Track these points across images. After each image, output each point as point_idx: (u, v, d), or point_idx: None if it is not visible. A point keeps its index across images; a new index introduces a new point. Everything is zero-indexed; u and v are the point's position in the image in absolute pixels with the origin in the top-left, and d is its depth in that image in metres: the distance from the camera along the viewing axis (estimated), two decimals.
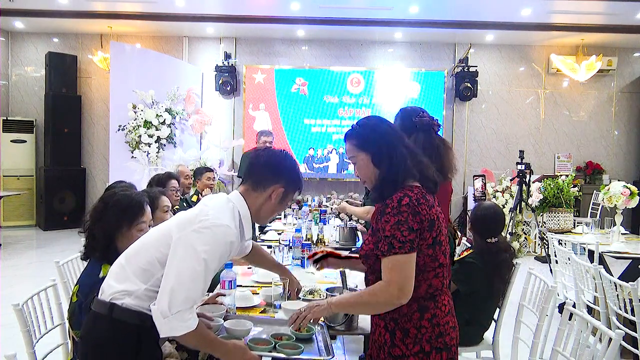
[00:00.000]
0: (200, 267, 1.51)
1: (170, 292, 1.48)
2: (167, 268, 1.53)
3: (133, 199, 1.98)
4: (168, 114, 7.30)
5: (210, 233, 1.53)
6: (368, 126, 1.70)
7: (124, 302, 1.57)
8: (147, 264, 1.59)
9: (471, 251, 2.64)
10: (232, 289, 2.05)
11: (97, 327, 1.60)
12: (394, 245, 1.49)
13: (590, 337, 1.85)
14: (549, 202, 4.83)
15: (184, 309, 1.48)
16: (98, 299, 1.62)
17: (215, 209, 1.61)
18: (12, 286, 4.98)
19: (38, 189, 8.39)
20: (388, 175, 1.60)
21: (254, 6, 7.32)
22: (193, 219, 1.57)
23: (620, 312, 2.75)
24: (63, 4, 7.14)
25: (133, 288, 1.58)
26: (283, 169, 1.73)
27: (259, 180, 1.71)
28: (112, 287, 1.60)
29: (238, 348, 1.60)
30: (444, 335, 1.56)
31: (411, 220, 1.50)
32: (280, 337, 1.74)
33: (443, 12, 7.32)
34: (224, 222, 1.57)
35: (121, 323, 1.57)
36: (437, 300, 1.57)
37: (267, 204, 1.72)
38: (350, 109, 8.36)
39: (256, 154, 1.79)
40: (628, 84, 8.71)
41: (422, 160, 1.65)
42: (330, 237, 4.01)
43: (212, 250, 1.53)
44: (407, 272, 1.50)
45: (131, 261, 1.62)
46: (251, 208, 1.71)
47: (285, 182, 1.72)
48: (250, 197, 1.72)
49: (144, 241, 1.66)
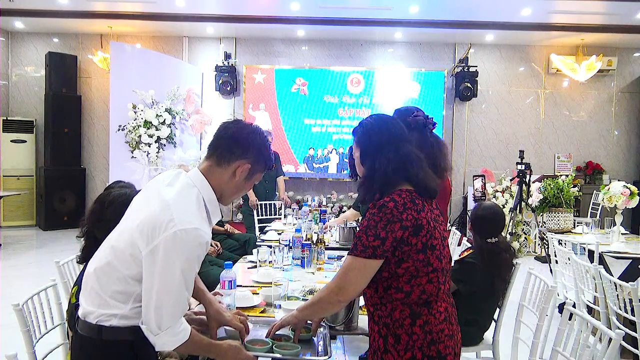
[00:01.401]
0: (180, 280, 1.44)
1: (155, 312, 1.42)
2: (146, 285, 1.44)
3: (130, 196, 1.98)
4: (168, 114, 7.30)
5: (181, 241, 1.42)
6: (365, 125, 1.71)
7: (111, 323, 1.49)
8: (122, 285, 1.48)
9: (471, 251, 2.64)
10: (232, 289, 2.05)
11: (86, 351, 1.53)
12: (357, 247, 1.52)
13: (590, 337, 1.85)
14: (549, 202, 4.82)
15: (173, 324, 1.45)
16: (84, 321, 1.52)
17: (179, 205, 1.46)
18: (12, 286, 4.98)
19: (38, 189, 8.39)
20: (367, 178, 1.62)
21: (254, 6, 7.32)
22: (158, 226, 1.42)
23: (620, 312, 2.75)
24: (63, 4, 7.14)
25: (116, 311, 1.49)
26: (252, 142, 1.59)
27: (223, 156, 1.57)
28: (94, 312, 1.50)
29: (233, 348, 1.60)
30: (437, 343, 1.52)
31: (380, 228, 1.49)
32: (280, 339, 1.75)
33: (443, 12, 7.32)
34: (193, 225, 1.45)
35: (113, 343, 1.50)
36: (431, 307, 1.54)
37: (231, 182, 1.59)
38: (350, 109, 8.36)
39: (224, 126, 1.63)
40: (628, 84, 8.71)
41: (414, 167, 1.61)
42: (330, 237, 4.01)
43: (188, 259, 1.45)
44: (353, 276, 1.53)
45: (103, 285, 1.50)
46: (215, 187, 1.58)
47: (253, 158, 1.59)
48: (213, 173, 1.58)
49: (109, 259, 1.51)
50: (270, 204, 5.91)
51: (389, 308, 1.55)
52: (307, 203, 7.54)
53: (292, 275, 2.80)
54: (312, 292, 2.36)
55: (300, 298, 2.30)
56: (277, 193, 6.05)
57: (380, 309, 1.57)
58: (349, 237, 3.86)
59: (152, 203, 1.50)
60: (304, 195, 8.53)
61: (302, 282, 2.61)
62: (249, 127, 1.63)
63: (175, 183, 1.55)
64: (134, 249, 1.46)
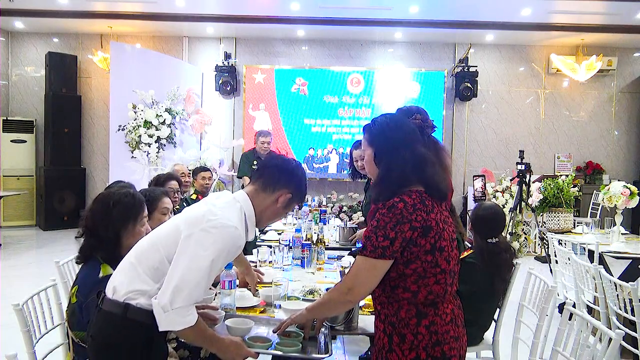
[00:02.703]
0: (207, 267, 1.53)
1: (173, 288, 1.50)
2: (174, 263, 1.54)
3: (135, 196, 2.01)
4: (168, 114, 7.30)
5: (219, 233, 1.55)
6: (380, 123, 1.69)
7: (138, 302, 1.58)
8: (158, 263, 1.60)
9: (471, 251, 2.64)
10: (232, 289, 2.05)
11: (109, 327, 1.60)
12: (366, 247, 1.52)
13: (590, 337, 1.85)
14: (549, 202, 4.82)
15: (185, 306, 1.50)
16: (110, 299, 1.61)
17: (223, 208, 1.62)
18: (12, 286, 4.98)
19: (38, 189, 8.39)
20: (383, 178, 1.60)
21: (254, 6, 7.33)
22: (201, 218, 1.58)
23: (620, 312, 2.75)
24: (63, 4, 7.15)
25: (146, 288, 1.59)
26: (295, 175, 1.77)
27: (269, 182, 1.73)
28: (125, 287, 1.60)
29: (234, 344, 1.63)
30: (442, 344, 1.53)
31: (390, 228, 1.49)
32: (289, 335, 1.78)
33: (443, 12, 7.32)
34: (232, 223, 1.59)
35: (135, 323, 1.58)
36: (437, 308, 1.55)
37: (272, 207, 1.74)
38: (350, 109, 8.36)
39: (270, 157, 1.82)
40: (628, 84, 8.71)
41: (428, 168, 1.60)
42: (330, 237, 4.01)
43: (220, 250, 1.55)
44: (364, 277, 1.54)
45: (141, 260, 1.62)
46: (256, 209, 1.72)
47: (294, 190, 1.76)
48: (257, 197, 1.73)
49: (153, 239, 1.66)
50: None
51: (395, 307, 1.55)
52: (307, 203, 7.53)
53: (292, 275, 2.80)
54: (312, 292, 2.36)
55: (300, 298, 2.30)
56: None
57: (386, 308, 1.58)
58: (348, 237, 3.86)
59: (200, 206, 1.67)
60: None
61: (302, 282, 2.61)
62: (294, 162, 1.82)
63: (222, 196, 1.72)
64: (176, 233, 1.59)
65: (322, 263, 3.09)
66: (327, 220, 4.76)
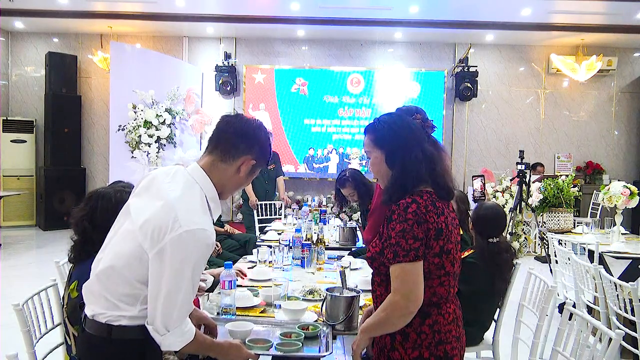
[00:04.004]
0: (187, 280, 1.42)
1: (162, 312, 1.41)
2: (153, 287, 1.41)
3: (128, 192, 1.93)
4: (168, 114, 7.30)
5: (189, 242, 1.40)
6: (387, 124, 1.64)
7: (120, 324, 1.47)
8: (128, 288, 1.46)
9: (472, 251, 2.64)
10: (232, 289, 2.05)
11: (95, 350, 1.51)
12: (399, 254, 1.48)
13: (590, 337, 1.85)
14: (549, 202, 4.82)
15: (179, 325, 1.44)
16: (92, 320, 1.50)
17: (182, 205, 1.44)
18: (12, 286, 4.97)
19: (38, 189, 8.39)
20: (399, 179, 1.57)
21: (254, 6, 7.32)
22: (164, 226, 1.40)
23: (620, 312, 2.75)
24: (63, 4, 7.14)
25: (126, 313, 1.47)
26: (256, 139, 1.57)
27: (228, 151, 1.54)
28: (102, 313, 1.48)
29: (234, 347, 1.61)
30: (444, 343, 1.54)
31: (416, 229, 1.48)
32: (290, 335, 1.78)
33: (443, 12, 7.32)
34: (199, 226, 1.42)
35: (122, 341, 1.48)
36: (441, 308, 1.56)
37: (234, 178, 1.57)
38: (350, 109, 8.36)
39: (226, 121, 1.59)
40: (628, 84, 8.70)
41: (437, 167, 1.59)
42: (330, 237, 4.01)
43: (195, 259, 1.43)
44: (412, 280, 1.48)
45: (109, 288, 1.48)
46: (216, 183, 1.55)
47: (257, 154, 1.58)
48: (216, 169, 1.55)
49: (113, 261, 1.48)
50: (270, 204, 5.91)
51: None
52: (307, 203, 7.54)
53: (292, 275, 2.81)
54: (312, 292, 2.36)
55: (300, 298, 2.30)
56: (277, 193, 6.05)
57: None
58: (349, 237, 3.86)
59: (154, 203, 1.46)
60: (304, 195, 8.53)
61: (302, 282, 2.61)
62: (254, 122, 1.60)
63: (176, 180, 1.51)
64: (140, 251, 1.43)
65: (322, 263, 3.09)
66: (327, 220, 4.76)
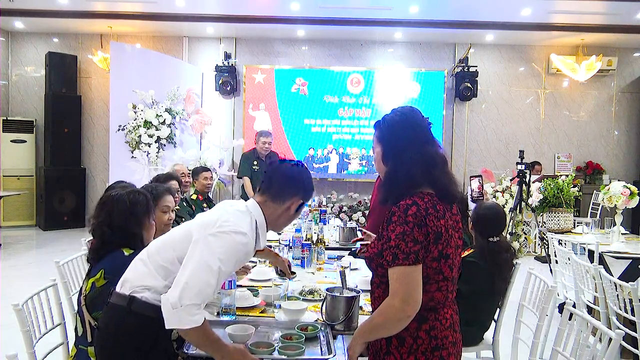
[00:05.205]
0: (215, 267, 1.55)
1: (183, 285, 1.52)
2: (184, 264, 1.58)
3: (146, 194, 2.12)
4: (168, 114, 7.30)
5: (229, 238, 1.60)
6: (390, 121, 1.63)
7: (143, 296, 1.64)
8: (167, 262, 1.66)
9: (472, 251, 2.64)
10: (231, 288, 2.05)
11: (115, 319, 1.67)
12: (398, 257, 1.45)
13: (590, 337, 1.85)
14: (549, 202, 4.82)
15: (194, 304, 1.51)
16: (117, 292, 1.69)
17: (235, 215, 1.67)
18: (12, 286, 4.98)
19: (38, 189, 8.39)
20: (391, 176, 1.57)
21: (254, 6, 7.33)
22: (213, 223, 1.62)
23: (620, 312, 2.75)
24: (63, 4, 7.14)
25: (153, 283, 1.65)
26: (302, 182, 1.81)
27: (279, 193, 1.78)
28: (131, 281, 1.68)
29: (238, 351, 1.62)
30: (440, 349, 1.51)
31: (417, 232, 1.45)
32: (290, 337, 1.79)
33: (443, 12, 7.32)
34: (243, 230, 1.64)
35: (139, 316, 1.64)
36: (438, 312, 1.53)
37: (285, 215, 1.81)
38: (350, 109, 8.36)
39: (274, 167, 1.84)
40: (628, 84, 8.71)
41: (437, 169, 1.55)
42: (330, 237, 4.01)
43: (228, 254, 1.59)
44: (411, 284, 1.45)
45: (152, 258, 1.69)
46: (268, 217, 1.78)
47: (303, 195, 1.82)
48: (268, 207, 1.78)
49: (166, 240, 1.73)
50: None
51: None
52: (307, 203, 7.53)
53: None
54: (312, 292, 2.36)
55: (300, 298, 2.30)
56: None
57: None
58: (348, 237, 3.86)
59: (213, 212, 1.73)
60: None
61: (302, 282, 2.61)
62: (298, 167, 1.84)
63: (235, 204, 1.78)
64: (189, 236, 1.64)
65: (322, 263, 3.09)
66: (327, 220, 4.76)
